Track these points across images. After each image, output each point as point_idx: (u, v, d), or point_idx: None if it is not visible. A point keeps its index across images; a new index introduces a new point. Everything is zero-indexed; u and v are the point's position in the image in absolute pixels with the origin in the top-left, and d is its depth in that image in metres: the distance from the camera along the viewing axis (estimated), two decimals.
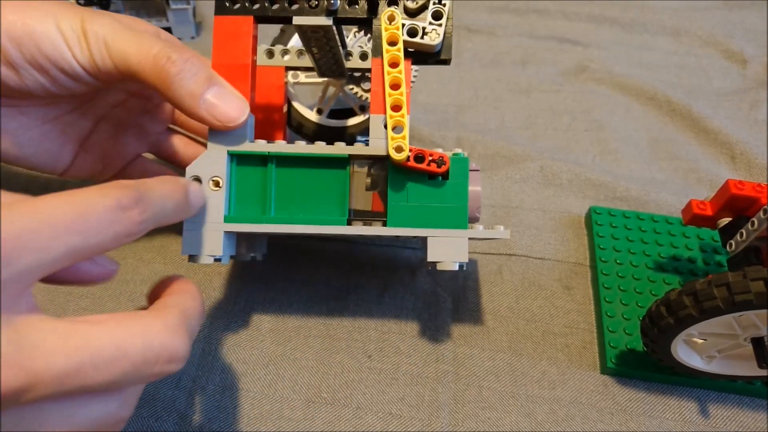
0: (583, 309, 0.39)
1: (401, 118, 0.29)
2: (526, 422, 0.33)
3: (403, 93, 0.29)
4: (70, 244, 0.19)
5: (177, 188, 0.25)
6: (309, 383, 0.34)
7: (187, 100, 0.27)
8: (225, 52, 0.30)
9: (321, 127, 0.43)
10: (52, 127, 0.32)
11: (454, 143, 0.51)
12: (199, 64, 0.27)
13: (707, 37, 0.64)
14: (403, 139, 0.28)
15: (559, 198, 0.46)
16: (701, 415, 0.34)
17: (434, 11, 0.29)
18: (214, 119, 0.28)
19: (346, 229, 0.30)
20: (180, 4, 0.55)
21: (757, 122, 0.54)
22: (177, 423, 0.32)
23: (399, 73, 0.29)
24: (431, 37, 0.29)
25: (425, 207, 0.30)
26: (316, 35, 0.31)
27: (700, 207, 0.35)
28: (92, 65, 0.27)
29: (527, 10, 0.67)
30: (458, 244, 0.30)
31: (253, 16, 0.30)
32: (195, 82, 0.27)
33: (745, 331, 0.30)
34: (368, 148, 0.30)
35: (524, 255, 0.42)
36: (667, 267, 0.40)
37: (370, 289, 0.39)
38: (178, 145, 0.39)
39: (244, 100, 0.28)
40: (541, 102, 0.56)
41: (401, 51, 0.29)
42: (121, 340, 0.19)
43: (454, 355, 0.36)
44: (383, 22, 0.29)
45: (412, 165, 0.29)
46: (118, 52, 0.27)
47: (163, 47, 0.27)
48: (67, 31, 0.27)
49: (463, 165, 0.30)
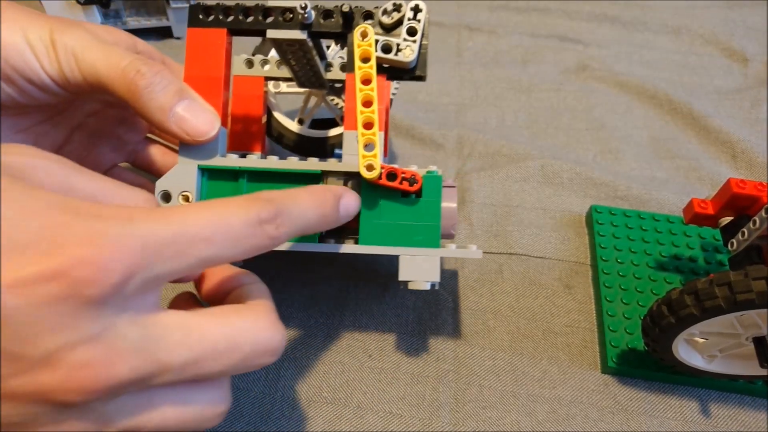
0: (583, 308, 0.39)
1: (372, 136, 0.28)
2: (527, 421, 0.33)
3: (375, 111, 0.28)
4: (204, 255, 0.20)
5: (326, 200, 0.25)
6: (309, 382, 0.34)
7: (157, 114, 0.27)
8: (197, 64, 0.29)
9: (302, 137, 0.42)
10: (24, 138, 0.32)
11: (455, 142, 0.51)
12: (169, 77, 0.27)
13: (708, 36, 0.64)
14: (374, 157, 0.28)
15: (560, 197, 0.46)
16: (702, 414, 0.34)
17: (409, 27, 0.29)
18: (183, 133, 0.27)
19: (318, 247, 0.30)
20: (180, 3, 0.55)
21: (759, 121, 0.54)
22: None
23: (371, 90, 0.29)
24: (405, 54, 0.29)
25: (397, 225, 0.30)
26: (291, 48, 0.31)
27: (702, 206, 0.35)
28: (61, 77, 0.27)
29: (528, 9, 0.67)
30: (430, 263, 0.30)
31: (227, 28, 0.30)
32: (164, 96, 0.27)
33: (747, 331, 0.30)
34: (341, 164, 0.29)
35: (525, 254, 0.42)
36: (669, 266, 0.40)
37: (371, 288, 0.39)
38: (156, 155, 0.38)
39: (215, 114, 0.28)
40: (541, 101, 0.56)
41: (374, 68, 0.29)
42: (235, 333, 0.21)
43: (455, 354, 0.36)
44: (356, 38, 0.29)
45: (384, 183, 0.29)
46: (87, 65, 0.27)
47: (133, 60, 0.27)
48: (36, 42, 0.27)
49: (436, 183, 0.30)
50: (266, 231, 0.21)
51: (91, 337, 0.18)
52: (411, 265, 0.30)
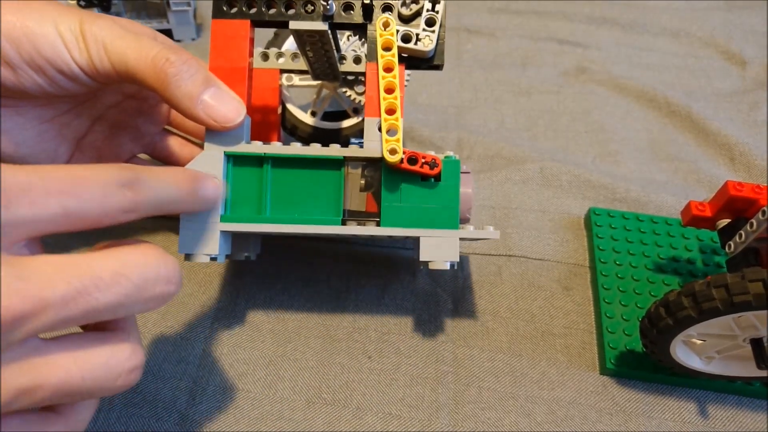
0: (582, 310, 0.39)
1: (395, 122, 0.29)
2: (526, 423, 0.33)
3: (397, 97, 0.29)
4: (65, 204, 0.20)
5: (183, 179, 0.26)
6: (309, 384, 0.35)
7: (185, 101, 0.27)
8: (222, 54, 0.30)
9: (315, 129, 0.43)
10: (49, 127, 0.32)
11: (455, 144, 0.51)
12: (196, 65, 0.28)
13: (707, 39, 0.64)
14: (397, 141, 0.29)
15: (559, 199, 0.46)
16: (700, 415, 0.34)
17: (427, 18, 0.30)
18: (211, 120, 0.28)
19: (341, 229, 0.30)
20: (181, 6, 0.56)
21: (757, 123, 0.54)
22: (177, 423, 0.33)
23: (393, 77, 0.29)
24: (424, 43, 0.30)
25: (418, 208, 0.30)
26: (311, 39, 0.31)
27: (699, 208, 0.35)
28: (90, 67, 0.28)
29: (527, 12, 0.67)
30: (449, 243, 0.30)
31: (250, 20, 0.30)
32: (192, 84, 0.27)
33: (744, 332, 0.30)
34: (363, 150, 0.30)
35: (524, 256, 0.42)
36: (667, 268, 0.40)
37: (370, 289, 0.39)
38: (174, 146, 0.39)
39: (240, 102, 0.29)
40: (541, 103, 0.56)
41: (395, 56, 0.29)
42: (120, 262, 0.21)
43: (454, 356, 0.36)
44: (378, 28, 0.29)
45: (406, 167, 0.30)
46: (117, 54, 0.27)
47: (162, 49, 0.27)
48: (66, 33, 0.27)
49: (455, 167, 0.31)
50: (124, 194, 0.22)
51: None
52: (431, 245, 0.30)
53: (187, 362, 0.35)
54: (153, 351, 0.35)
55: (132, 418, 0.33)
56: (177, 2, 0.55)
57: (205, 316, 0.37)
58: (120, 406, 0.33)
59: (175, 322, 0.37)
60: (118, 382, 0.22)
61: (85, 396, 0.21)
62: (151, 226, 0.42)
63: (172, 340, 0.36)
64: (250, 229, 0.30)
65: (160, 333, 0.36)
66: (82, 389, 0.21)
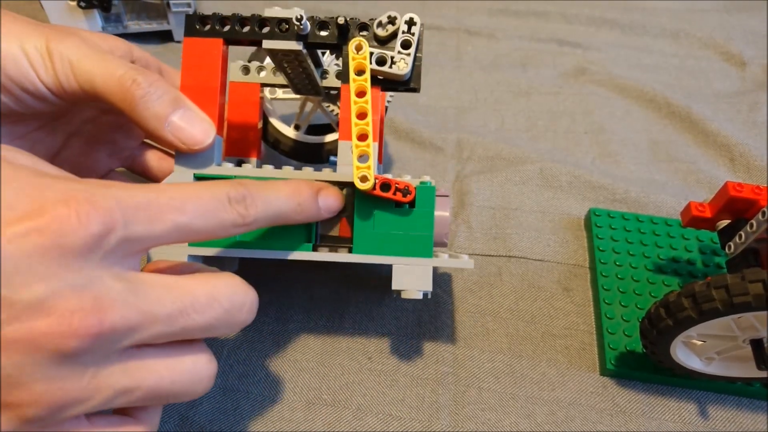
0: (582, 311, 0.39)
1: (366, 148, 0.29)
2: (526, 423, 0.33)
3: (369, 123, 0.29)
4: (177, 221, 0.22)
5: (299, 190, 0.27)
6: (309, 385, 0.35)
7: (153, 123, 0.27)
8: (194, 73, 0.30)
9: (298, 143, 0.42)
10: (21, 144, 0.32)
11: (454, 145, 0.51)
12: (164, 86, 0.27)
13: (707, 40, 0.64)
14: (367, 168, 0.28)
15: (559, 200, 0.46)
16: (700, 416, 0.34)
17: (403, 40, 0.29)
18: (179, 142, 0.28)
19: (311, 255, 0.30)
20: (181, 7, 0.56)
21: (756, 124, 0.54)
22: (178, 424, 0.33)
23: (365, 103, 0.29)
24: (399, 66, 0.29)
25: (391, 235, 0.30)
26: (287, 58, 0.31)
27: (699, 209, 0.35)
28: (57, 86, 0.27)
29: (527, 13, 0.67)
30: (422, 272, 0.30)
31: (223, 38, 0.30)
32: (160, 105, 0.27)
33: (744, 333, 0.30)
34: (336, 175, 0.30)
35: (524, 257, 0.42)
36: (667, 269, 0.40)
37: (371, 290, 0.39)
38: (153, 160, 0.38)
39: (210, 123, 0.29)
40: (540, 104, 0.56)
41: (368, 81, 0.29)
42: (213, 289, 0.23)
43: (454, 357, 0.36)
44: (350, 51, 0.29)
45: (378, 194, 0.29)
46: (84, 74, 0.27)
47: (129, 69, 0.27)
48: (32, 52, 0.27)
49: (429, 194, 0.30)
50: (235, 208, 0.24)
51: (79, 286, 0.19)
52: (404, 274, 0.30)
53: None
54: None
55: None
56: (177, 3, 0.55)
57: None
58: None
59: None
60: (199, 388, 0.24)
61: (172, 399, 0.23)
62: None
63: None
64: (218, 254, 0.30)
65: None
66: (170, 393, 0.23)
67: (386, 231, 0.30)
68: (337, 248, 0.31)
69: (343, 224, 0.31)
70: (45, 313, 0.19)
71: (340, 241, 0.31)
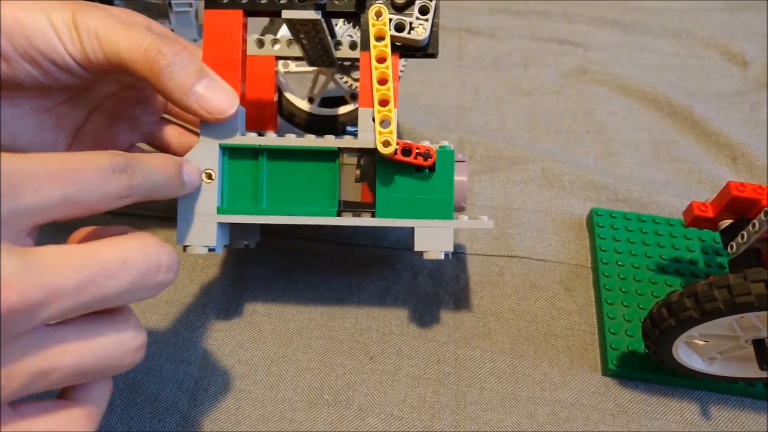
0: (584, 311, 0.39)
1: (388, 113, 0.29)
2: (528, 424, 0.33)
3: (390, 88, 0.29)
4: (66, 191, 0.20)
5: (168, 164, 0.27)
6: (311, 385, 0.35)
7: (178, 92, 0.27)
8: (215, 45, 0.30)
9: (312, 116, 0.43)
10: (46, 118, 0.32)
11: (456, 145, 0.51)
12: (189, 56, 0.28)
13: (708, 39, 0.64)
14: (390, 133, 0.29)
15: (561, 200, 0.46)
16: (702, 416, 0.34)
17: (421, 6, 0.30)
18: (204, 111, 0.28)
19: (336, 220, 0.31)
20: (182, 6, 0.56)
21: (759, 124, 0.54)
22: (179, 424, 0.33)
23: (386, 68, 0.29)
24: (418, 32, 0.30)
25: (412, 198, 0.31)
26: (305, 28, 0.31)
27: (701, 209, 0.35)
28: (84, 58, 0.28)
29: (528, 12, 0.67)
30: (444, 233, 0.31)
31: (243, 10, 0.30)
32: (185, 75, 0.27)
33: (746, 333, 0.30)
34: (357, 141, 0.30)
35: (526, 257, 0.42)
36: (669, 269, 0.40)
37: (372, 290, 0.39)
38: (172, 135, 0.39)
39: (234, 93, 0.29)
40: (542, 104, 0.56)
41: (388, 47, 0.29)
42: (124, 252, 0.22)
43: (456, 357, 0.36)
44: (370, 17, 0.29)
45: (399, 158, 0.30)
46: (110, 45, 0.27)
47: (154, 40, 0.27)
48: (59, 24, 0.27)
49: (449, 157, 0.31)
50: (120, 179, 0.23)
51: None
52: (426, 236, 0.31)
53: (189, 363, 0.35)
54: (155, 352, 0.35)
55: (134, 419, 0.33)
56: (178, 3, 0.55)
57: (206, 318, 0.37)
58: (122, 407, 0.33)
59: (176, 323, 0.37)
60: (126, 361, 0.23)
61: (97, 376, 0.22)
62: (140, 223, 0.42)
63: (173, 342, 0.36)
64: (246, 221, 0.30)
65: (162, 334, 0.36)
66: (94, 369, 0.22)
67: (408, 195, 0.31)
68: (360, 213, 0.31)
69: (365, 191, 0.32)
70: None
71: (362, 207, 0.32)
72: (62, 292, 0.19)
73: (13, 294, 0.18)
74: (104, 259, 0.21)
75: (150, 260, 0.22)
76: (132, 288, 0.22)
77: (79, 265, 0.20)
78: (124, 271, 0.21)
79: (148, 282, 0.22)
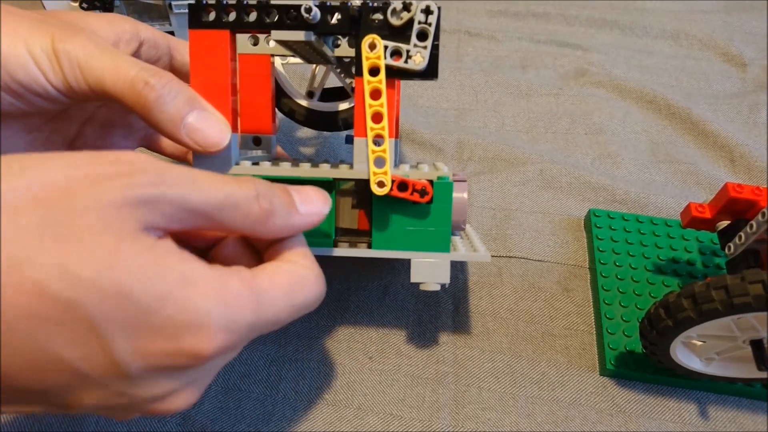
0: (582, 311, 0.39)
1: (383, 153, 0.28)
2: (526, 423, 0.33)
3: (385, 128, 0.28)
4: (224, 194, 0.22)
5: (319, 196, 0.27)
6: (310, 384, 0.35)
7: (168, 126, 0.27)
8: (203, 69, 0.29)
9: (312, 111, 0.42)
10: (38, 136, 0.32)
11: (455, 146, 0.51)
12: (178, 87, 0.27)
13: (707, 40, 0.64)
14: (384, 174, 0.28)
15: (559, 201, 0.46)
16: (700, 416, 0.34)
17: (419, 31, 0.27)
18: (196, 144, 0.27)
19: (332, 251, 0.30)
20: (183, 8, 0.56)
21: (757, 125, 0.54)
22: (180, 424, 0.33)
23: (380, 106, 0.28)
24: (416, 60, 0.28)
25: (409, 230, 0.30)
26: (297, 45, 0.30)
27: (699, 210, 0.35)
28: (66, 87, 0.27)
29: (527, 14, 0.68)
30: (440, 266, 0.30)
31: (229, 29, 0.29)
32: (175, 107, 0.26)
33: (744, 334, 0.30)
34: (352, 172, 0.30)
35: (524, 257, 0.42)
36: (666, 269, 0.40)
37: (371, 290, 0.40)
38: (168, 143, 0.38)
39: (226, 123, 0.28)
40: (540, 105, 0.56)
41: (383, 82, 0.28)
42: (308, 299, 0.24)
43: (455, 357, 0.36)
44: (364, 50, 0.27)
45: (396, 194, 0.29)
46: (93, 74, 0.26)
47: (140, 70, 0.26)
48: (38, 54, 0.26)
49: (447, 189, 0.30)
50: (262, 204, 0.23)
51: None
52: (422, 268, 0.31)
53: None
54: None
55: (134, 419, 0.33)
56: (179, 4, 0.55)
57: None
58: None
59: None
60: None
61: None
62: None
63: None
64: None
65: None
66: None
67: (404, 227, 0.30)
68: (356, 243, 0.31)
69: (362, 217, 0.31)
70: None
71: (359, 234, 0.31)
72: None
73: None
74: (297, 304, 0.23)
75: (316, 304, 0.25)
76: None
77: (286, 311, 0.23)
78: (299, 313, 0.24)
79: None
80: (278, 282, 0.23)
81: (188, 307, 0.19)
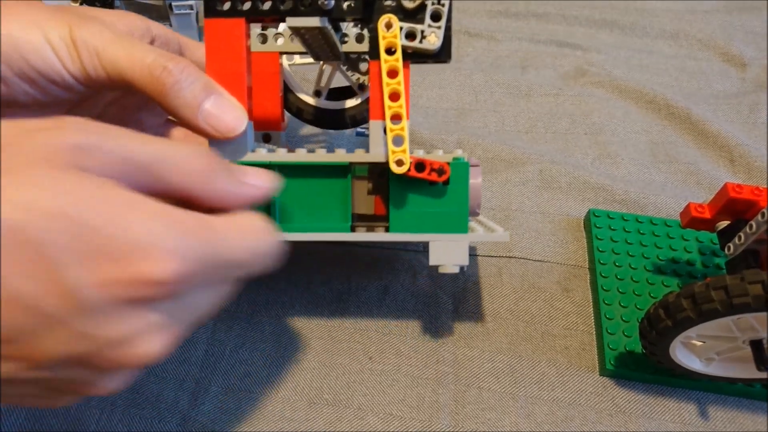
0: (582, 311, 0.39)
1: (401, 131, 0.29)
2: (526, 423, 0.34)
3: (402, 105, 0.28)
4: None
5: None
6: (311, 384, 0.35)
7: (185, 112, 0.27)
8: (218, 57, 0.29)
9: (320, 110, 0.42)
10: None
11: (455, 147, 0.51)
12: (195, 73, 0.27)
13: (707, 41, 0.64)
14: (403, 152, 0.28)
15: (559, 201, 0.46)
16: (700, 417, 0.34)
17: (433, 12, 0.28)
18: (213, 130, 0.27)
19: (350, 236, 0.30)
20: (183, 9, 0.56)
21: (757, 125, 0.54)
22: (180, 424, 0.33)
23: (398, 84, 0.28)
24: (430, 40, 0.28)
25: (426, 212, 0.30)
26: (310, 33, 0.30)
27: (699, 210, 0.35)
28: (84, 75, 0.27)
29: (527, 14, 0.68)
30: (459, 247, 0.30)
31: (245, 17, 0.29)
32: (192, 93, 0.26)
33: (744, 334, 0.30)
34: (369, 156, 0.30)
35: (524, 257, 0.42)
36: (666, 269, 0.40)
37: (371, 291, 0.40)
38: (178, 137, 0.38)
39: (242, 109, 0.28)
40: (540, 105, 0.56)
41: (400, 60, 0.28)
42: (258, 247, 0.25)
43: (455, 357, 0.36)
44: (380, 29, 0.28)
45: (413, 175, 0.29)
46: (110, 62, 0.27)
47: (157, 56, 0.26)
48: (56, 41, 0.26)
49: (464, 170, 0.30)
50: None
51: None
52: (441, 250, 0.30)
53: (190, 363, 0.35)
54: None
55: (134, 419, 0.33)
56: (179, 5, 0.55)
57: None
58: (122, 407, 0.33)
59: None
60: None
61: None
62: None
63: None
64: None
65: None
66: None
67: (421, 209, 0.30)
68: (374, 227, 0.31)
69: (378, 203, 0.31)
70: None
71: (375, 219, 0.31)
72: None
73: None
74: (251, 246, 0.24)
75: (272, 253, 0.25)
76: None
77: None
78: (255, 257, 0.24)
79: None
80: (231, 222, 0.23)
81: (133, 228, 0.19)
